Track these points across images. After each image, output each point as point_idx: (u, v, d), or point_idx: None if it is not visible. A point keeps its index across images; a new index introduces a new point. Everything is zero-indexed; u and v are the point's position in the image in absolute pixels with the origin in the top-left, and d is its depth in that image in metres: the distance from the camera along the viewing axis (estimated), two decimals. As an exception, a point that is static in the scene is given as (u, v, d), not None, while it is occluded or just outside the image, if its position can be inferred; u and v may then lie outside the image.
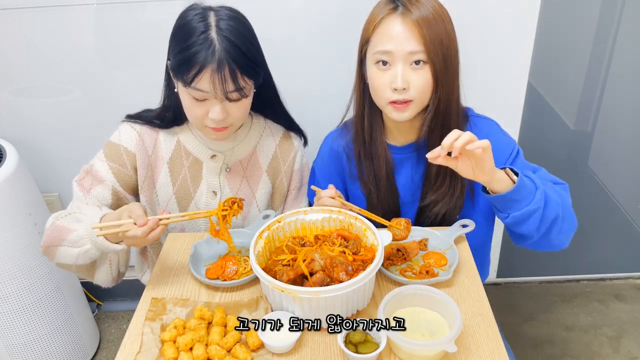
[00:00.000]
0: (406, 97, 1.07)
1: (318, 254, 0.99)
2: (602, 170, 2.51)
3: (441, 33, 1.05)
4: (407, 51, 1.04)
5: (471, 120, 1.21)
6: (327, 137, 1.34)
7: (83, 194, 1.19)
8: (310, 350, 0.92)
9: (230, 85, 1.06)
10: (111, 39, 1.57)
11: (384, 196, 1.24)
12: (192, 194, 1.27)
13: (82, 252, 1.07)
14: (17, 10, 1.52)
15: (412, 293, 0.95)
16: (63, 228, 1.09)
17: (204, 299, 1.04)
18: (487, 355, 0.90)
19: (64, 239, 1.08)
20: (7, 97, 1.67)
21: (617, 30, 2.28)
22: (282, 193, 1.36)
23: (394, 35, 1.05)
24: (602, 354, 1.89)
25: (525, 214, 1.02)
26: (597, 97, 2.46)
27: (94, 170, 1.21)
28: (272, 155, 1.32)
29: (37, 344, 1.66)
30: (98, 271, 1.16)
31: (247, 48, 1.08)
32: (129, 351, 0.92)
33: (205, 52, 1.03)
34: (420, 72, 1.06)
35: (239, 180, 1.29)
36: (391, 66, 1.07)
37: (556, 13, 2.39)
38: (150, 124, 1.24)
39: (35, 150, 1.75)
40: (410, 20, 1.04)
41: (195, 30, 1.05)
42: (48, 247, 1.11)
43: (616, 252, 2.28)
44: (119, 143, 1.22)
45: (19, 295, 1.57)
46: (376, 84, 1.10)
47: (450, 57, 1.07)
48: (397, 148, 1.23)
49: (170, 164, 1.26)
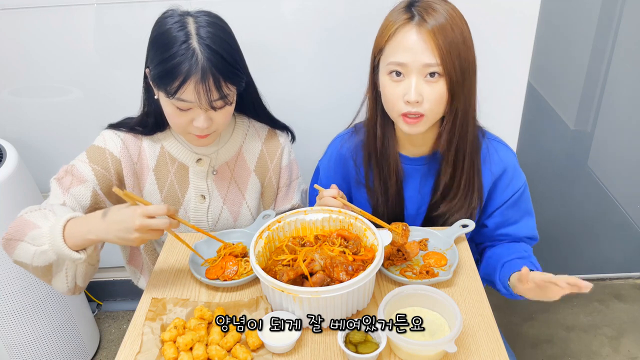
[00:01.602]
0: (419, 110, 1.04)
1: (318, 254, 0.99)
2: (602, 170, 2.51)
3: (458, 42, 1.01)
4: (422, 63, 1.01)
5: (491, 144, 1.19)
6: (336, 139, 1.32)
7: (61, 191, 1.14)
8: (310, 350, 0.92)
9: (215, 94, 1.05)
10: (111, 39, 1.57)
11: (391, 206, 1.23)
12: (181, 199, 1.26)
13: (39, 252, 1.01)
14: (17, 10, 1.52)
15: (412, 293, 0.95)
16: (29, 222, 1.05)
17: (204, 299, 1.04)
18: (487, 355, 0.90)
19: (26, 234, 1.03)
20: (7, 97, 1.67)
21: (617, 30, 2.28)
22: (272, 191, 1.35)
23: (409, 46, 1.01)
24: (602, 354, 1.89)
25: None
26: (597, 97, 2.46)
27: (75, 171, 1.16)
28: (259, 154, 1.31)
29: (37, 344, 1.66)
30: (54, 278, 1.07)
31: (229, 55, 1.06)
32: (129, 351, 0.92)
33: (188, 62, 1.01)
34: (434, 85, 1.03)
35: (227, 182, 1.28)
36: (405, 77, 1.04)
37: (556, 13, 2.39)
38: (133, 131, 1.22)
39: (35, 150, 1.75)
40: (426, 31, 1.00)
41: (175, 40, 1.03)
42: (9, 241, 1.06)
43: (616, 252, 2.28)
44: (104, 147, 1.19)
45: (19, 295, 1.57)
46: (389, 94, 1.07)
47: (468, 67, 1.04)
48: (408, 159, 1.21)
49: (156, 171, 1.24)
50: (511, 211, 1.22)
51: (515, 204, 1.21)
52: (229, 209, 1.29)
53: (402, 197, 1.23)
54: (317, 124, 1.50)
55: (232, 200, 1.29)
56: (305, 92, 1.64)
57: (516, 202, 1.21)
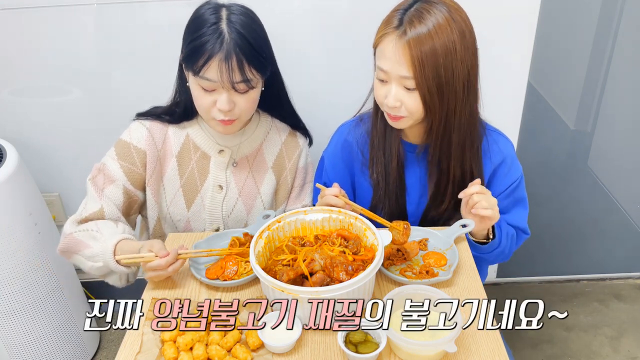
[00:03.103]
0: (398, 113, 1.10)
1: (318, 254, 0.99)
2: (602, 170, 2.51)
3: (438, 54, 1.01)
4: (399, 74, 1.05)
5: (490, 135, 1.22)
6: (341, 127, 1.34)
7: (97, 193, 1.23)
8: (310, 350, 0.92)
9: (237, 76, 1.09)
10: (111, 39, 1.57)
11: (392, 190, 1.24)
12: (199, 187, 1.29)
13: (95, 267, 1.16)
14: (17, 10, 1.52)
15: (412, 293, 0.95)
16: (80, 242, 1.17)
17: (204, 299, 1.04)
18: (487, 355, 0.90)
19: (80, 251, 1.17)
20: (7, 97, 1.67)
21: (617, 30, 2.28)
22: (286, 189, 1.37)
23: (388, 56, 1.05)
24: (602, 354, 1.89)
25: (479, 257, 1.20)
26: (597, 97, 2.47)
27: (106, 169, 1.23)
28: (278, 152, 1.35)
29: (37, 344, 1.66)
30: (108, 278, 1.22)
31: (255, 41, 1.11)
32: (129, 351, 0.93)
33: (213, 42, 1.07)
34: (412, 94, 1.06)
35: (244, 175, 1.31)
36: (387, 83, 1.09)
37: (556, 13, 2.39)
38: (160, 119, 1.27)
39: (35, 150, 1.75)
40: (403, 43, 1.02)
41: (206, 22, 1.10)
42: (65, 252, 1.20)
43: (616, 252, 2.28)
44: (129, 141, 1.24)
45: (19, 295, 1.57)
46: (376, 93, 1.13)
47: (451, 78, 1.04)
48: (410, 145, 1.24)
49: (178, 158, 1.28)
50: (506, 201, 1.24)
51: (511, 194, 1.24)
52: (244, 201, 1.32)
53: (403, 183, 1.25)
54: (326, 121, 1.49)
55: (247, 193, 1.32)
56: (309, 88, 1.63)
57: (512, 192, 1.24)
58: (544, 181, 2.39)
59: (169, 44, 1.24)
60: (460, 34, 1.03)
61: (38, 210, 1.62)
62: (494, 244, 1.20)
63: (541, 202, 1.46)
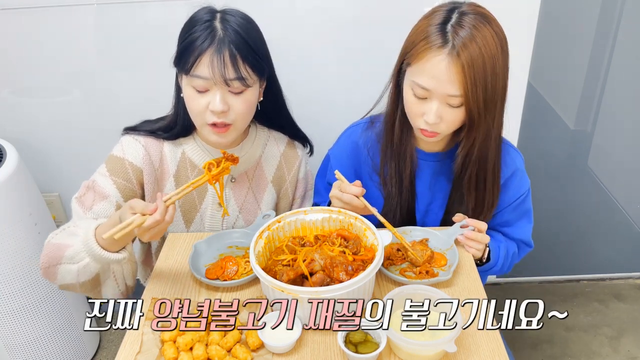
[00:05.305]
0: (435, 130, 1.06)
1: (318, 254, 0.99)
2: (601, 170, 2.51)
3: (487, 74, 0.99)
4: (446, 93, 1.01)
5: (503, 148, 1.19)
6: (351, 128, 1.30)
7: (83, 211, 1.13)
8: (310, 350, 0.92)
9: (231, 72, 1.04)
10: (111, 39, 1.57)
11: (404, 198, 1.22)
12: (198, 206, 1.26)
13: (82, 267, 1.01)
14: (17, 10, 1.52)
15: (412, 293, 0.95)
16: (59, 245, 1.04)
17: (204, 299, 1.04)
18: (487, 355, 0.90)
19: (62, 256, 1.03)
20: (7, 97, 1.67)
21: (617, 30, 2.28)
22: (287, 201, 1.36)
23: (436, 75, 0.99)
24: (602, 354, 1.89)
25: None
26: (597, 97, 2.46)
27: (97, 186, 1.15)
28: (277, 165, 1.31)
29: (37, 344, 1.66)
30: (104, 286, 1.09)
31: (250, 38, 1.07)
32: (129, 351, 0.93)
33: (204, 37, 1.04)
34: (455, 111, 1.03)
35: (244, 191, 1.28)
36: (427, 100, 1.04)
37: (556, 13, 2.39)
38: (155, 135, 1.21)
39: (35, 150, 1.75)
40: (457, 63, 0.97)
41: (199, 21, 1.07)
42: (47, 269, 1.06)
43: (616, 252, 2.28)
44: (123, 157, 1.17)
45: (19, 295, 1.57)
46: (409, 109, 1.08)
47: (494, 96, 1.02)
48: (422, 153, 1.22)
49: (176, 177, 1.23)
50: (512, 213, 1.24)
51: (517, 207, 1.23)
52: (244, 218, 1.29)
53: (414, 190, 1.24)
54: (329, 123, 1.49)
55: (247, 209, 1.29)
56: (311, 94, 1.63)
57: (519, 205, 1.23)
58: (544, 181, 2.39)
59: (169, 44, 1.24)
60: (502, 48, 1.02)
61: (38, 210, 1.62)
62: (490, 265, 1.20)
63: (541, 202, 1.46)
